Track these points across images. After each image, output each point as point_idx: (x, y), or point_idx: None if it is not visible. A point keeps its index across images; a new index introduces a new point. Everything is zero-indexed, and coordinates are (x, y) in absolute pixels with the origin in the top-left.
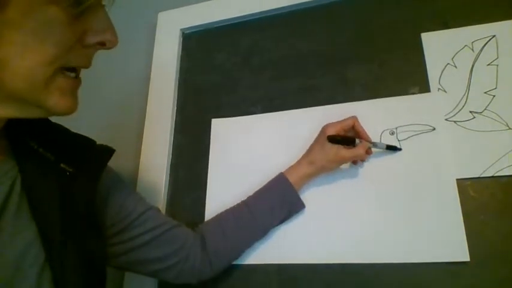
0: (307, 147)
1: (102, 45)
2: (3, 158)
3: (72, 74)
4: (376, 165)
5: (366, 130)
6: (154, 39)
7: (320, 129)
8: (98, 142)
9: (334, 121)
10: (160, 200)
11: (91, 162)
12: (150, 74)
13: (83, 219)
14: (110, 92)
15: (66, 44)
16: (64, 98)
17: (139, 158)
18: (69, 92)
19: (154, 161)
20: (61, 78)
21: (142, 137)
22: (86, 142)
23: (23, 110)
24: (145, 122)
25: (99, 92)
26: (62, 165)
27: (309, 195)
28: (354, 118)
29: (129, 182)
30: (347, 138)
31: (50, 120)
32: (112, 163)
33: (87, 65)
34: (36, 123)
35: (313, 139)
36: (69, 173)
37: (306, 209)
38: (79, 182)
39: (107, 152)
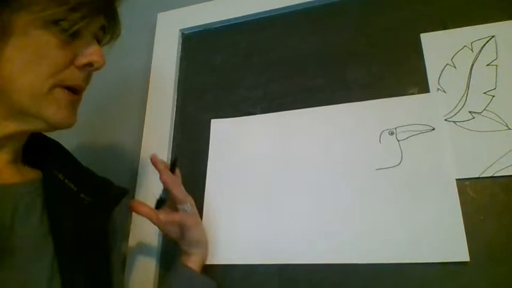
0: (306, 147)
1: (90, 66)
2: (35, 179)
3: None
4: (375, 166)
5: (365, 131)
6: (153, 39)
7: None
8: (97, 142)
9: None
10: None
11: (107, 197)
12: (149, 75)
13: (94, 243)
14: (109, 92)
15: (60, 64)
16: (61, 110)
17: (139, 158)
18: (66, 105)
19: None
20: (59, 92)
21: (142, 137)
22: (105, 180)
23: (27, 123)
24: (145, 122)
25: (99, 92)
26: (81, 195)
27: (309, 196)
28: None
29: (130, 183)
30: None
31: (76, 158)
32: (112, 161)
33: (81, 86)
34: (64, 159)
35: (312, 140)
36: (87, 202)
37: (306, 209)
38: (94, 211)
39: (122, 191)
